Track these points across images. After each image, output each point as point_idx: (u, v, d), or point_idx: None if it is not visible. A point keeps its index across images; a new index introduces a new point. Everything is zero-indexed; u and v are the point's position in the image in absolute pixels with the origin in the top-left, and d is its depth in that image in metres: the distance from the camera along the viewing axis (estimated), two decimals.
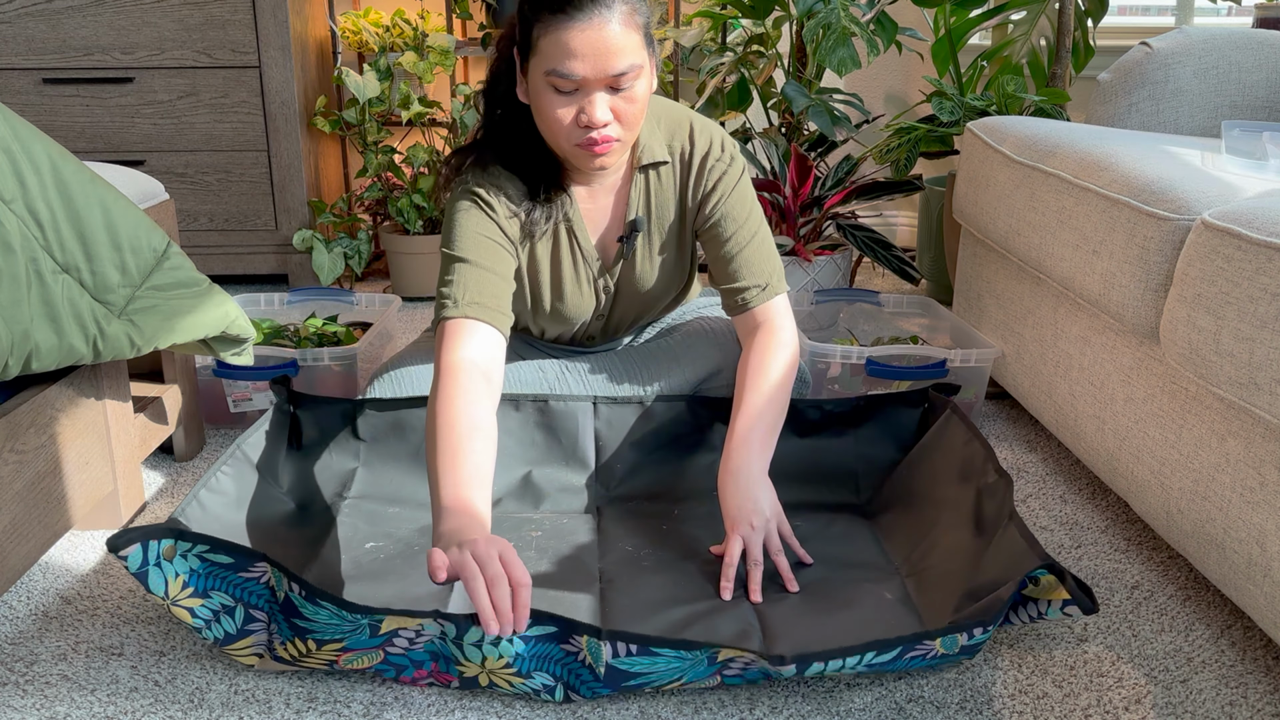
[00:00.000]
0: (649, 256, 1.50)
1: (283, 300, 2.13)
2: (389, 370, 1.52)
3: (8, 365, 1.14)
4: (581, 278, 1.49)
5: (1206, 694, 1.13)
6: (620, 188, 1.47)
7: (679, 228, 1.49)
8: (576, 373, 1.56)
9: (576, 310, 1.52)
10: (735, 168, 1.46)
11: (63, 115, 2.51)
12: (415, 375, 1.51)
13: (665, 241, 1.49)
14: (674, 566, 1.31)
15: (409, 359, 1.54)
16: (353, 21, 2.71)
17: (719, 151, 1.46)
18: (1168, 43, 1.95)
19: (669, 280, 1.53)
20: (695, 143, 1.46)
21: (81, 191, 1.21)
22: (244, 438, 1.40)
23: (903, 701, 1.11)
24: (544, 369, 1.57)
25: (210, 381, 1.79)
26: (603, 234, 1.48)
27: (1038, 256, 1.61)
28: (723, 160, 1.46)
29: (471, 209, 1.38)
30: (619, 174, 1.46)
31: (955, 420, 1.46)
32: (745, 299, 1.44)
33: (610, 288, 1.51)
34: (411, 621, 1.03)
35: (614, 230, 1.48)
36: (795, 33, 2.55)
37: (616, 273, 1.50)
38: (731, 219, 1.45)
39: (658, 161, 1.45)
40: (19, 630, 1.23)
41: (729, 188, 1.45)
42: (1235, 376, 1.11)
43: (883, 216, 3.18)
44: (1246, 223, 1.12)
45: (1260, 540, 1.11)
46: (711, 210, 1.45)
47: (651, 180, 1.46)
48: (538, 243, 1.46)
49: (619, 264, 1.49)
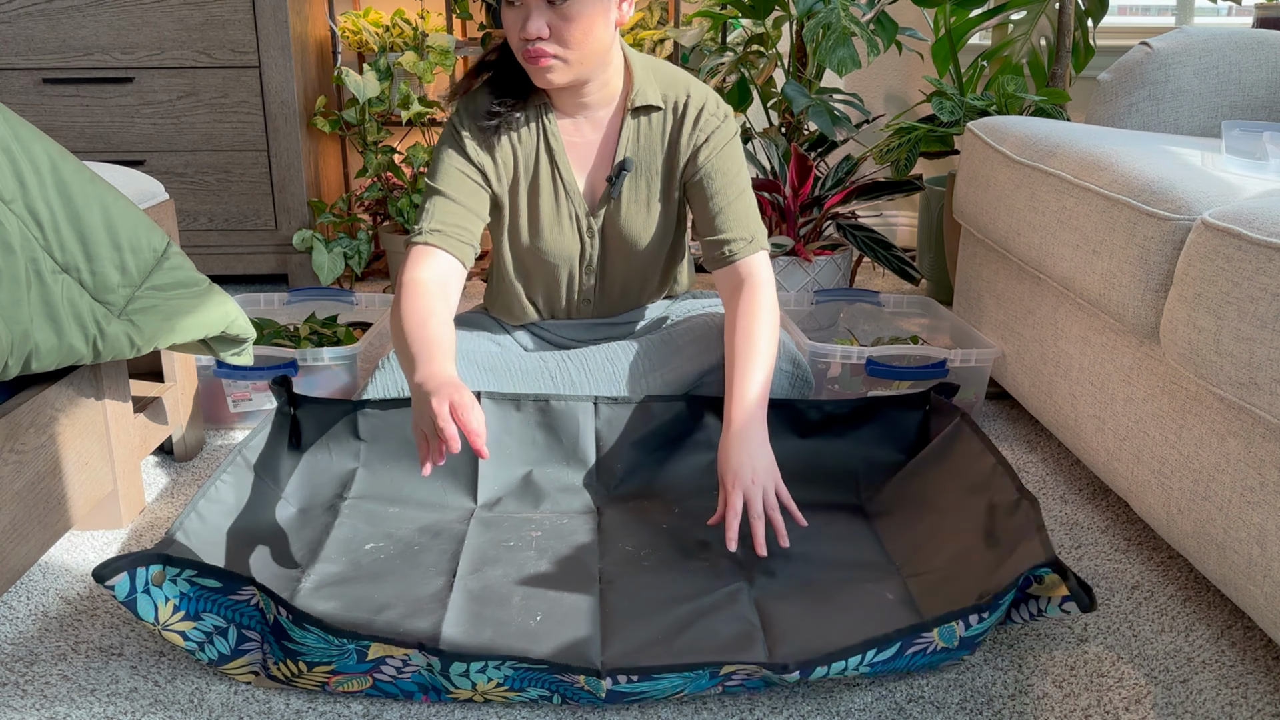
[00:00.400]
0: (635, 201, 1.53)
1: (283, 300, 2.13)
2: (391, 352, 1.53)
3: (8, 365, 1.14)
4: (563, 213, 1.53)
5: (1206, 694, 1.13)
6: (609, 128, 1.52)
7: (668, 179, 1.53)
8: (578, 361, 1.57)
9: (557, 248, 1.54)
10: (728, 126, 1.51)
11: (63, 115, 2.51)
12: None
13: (653, 190, 1.53)
14: (674, 566, 1.31)
15: None
16: (353, 21, 2.71)
17: (714, 108, 1.51)
18: (1168, 43, 1.95)
19: (658, 235, 1.56)
20: (691, 96, 1.51)
21: (81, 191, 1.21)
22: (244, 443, 1.40)
23: (903, 701, 1.11)
24: (545, 359, 1.58)
25: (210, 381, 1.79)
26: (589, 175, 1.53)
27: (1038, 256, 1.61)
28: (716, 116, 1.50)
29: (450, 141, 1.49)
30: (608, 113, 1.51)
31: (966, 431, 1.45)
32: (731, 250, 1.48)
33: (594, 231, 1.54)
34: (398, 650, 1.03)
35: (601, 171, 1.53)
36: (795, 33, 2.55)
37: (601, 216, 1.53)
38: (721, 173, 1.49)
39: (650, 105, 1.50)
40: (19, 630, 1.23)
41: (721, 143, 1.50)
42: (1235, 376, 1.11)
43: (883, 216, 3.18)
44: (1246, 223, 1.12)
45: (1260, 540, 1.11)
46: (703, 162, 1.49)
47: (642, 125, 1.51)
48: (519, 170, 1.51)
49: (605, 207, 1.53)
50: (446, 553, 1.33)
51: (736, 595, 1.23)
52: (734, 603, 1.22)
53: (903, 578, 1.29)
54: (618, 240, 1.55)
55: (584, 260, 1.56)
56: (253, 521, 1.36)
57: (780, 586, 1.27)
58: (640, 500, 1.48)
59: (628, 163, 1.50)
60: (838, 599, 1.24)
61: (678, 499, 1.48)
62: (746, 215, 1.50)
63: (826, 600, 1.24)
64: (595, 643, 1.15)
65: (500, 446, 1.51)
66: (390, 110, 2.71)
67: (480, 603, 1.22)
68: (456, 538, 1.37)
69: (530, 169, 1.50)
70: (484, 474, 1.49)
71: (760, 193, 2.36)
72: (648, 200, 1.53)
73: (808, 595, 1.25)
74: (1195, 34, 1.95)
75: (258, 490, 1.39)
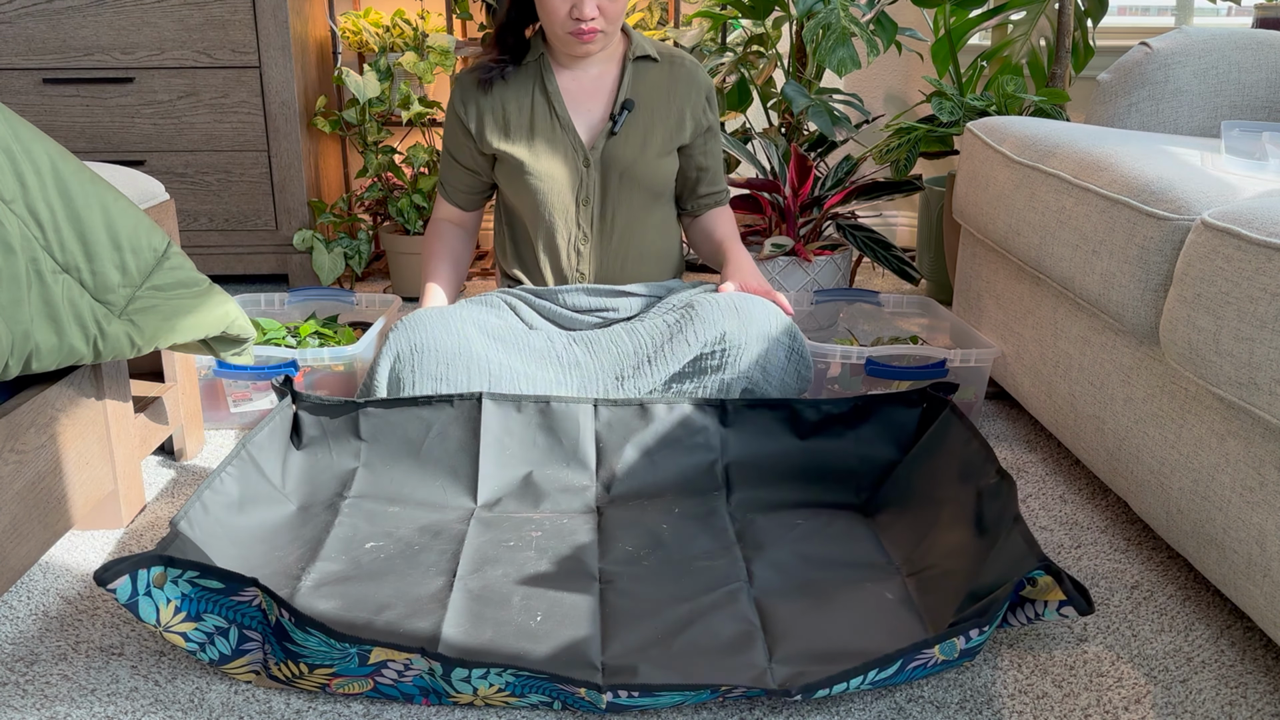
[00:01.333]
0: (636, 141, 1.71)
1: (283, 300, 2.13)
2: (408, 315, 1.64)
3: (8, 365, 1.14)
4: (559, 143, 1.71)
5: (1206, 694, 1.13)
6: (607, 76, 1.74)
7: (674, 130, 1.75)
8: (584, 343, 1.63)
9: (553, 174, 1.71)
10: (712, 90, 1.79)
11: (63, 115, 2.51)
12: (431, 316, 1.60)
13: (655, 136, 1.73)
14: (674, 566, 1.31)
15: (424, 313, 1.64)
16: (353, 21, 2.71)
17: (701, 73, 1.77)
18: (1168, 43, 1.95)
19: (655, 179, 1.74)
20: (681, 57, 1.76)
21: (82, 191, 1.21)
22: (248, 438, 1.40)
23: (903, 701, 1.11)
24: (552, 339, 1.64)
25: (209, 381, 1.79)
26: (587, 115, 1.73)
27: (1037, 256, 1.61)
28: (705, 81, 1.77)
29: (451, 108, 1.76)
30: (607, 65, 1.74)
31: (954, 420, 1.46)
32: (719, 199, 1.86)
33: (591, 161, 1.71)
34: (400, 655, 1.03)
35: (600, 112, 1.73)
36: (795, 33, 2.55)
37: (601, 148, 1.71)
38: (714, 133, 1.80)
39: (647, 56, 1.74)
40: (19, 630, 1.23)
41: (714, 103, 1.79)
42: (1235, 376, 1.11)
43: (883, 216, 3.18)
44: (1246, 223, 1.12)
45: (1260, 540, 1.11)
46: (706, 124, 1.78)
47: (641, 73, 1.73)
48: (514, 116, 1.72)
49: (605, 141, 1.71)
50: (447, 552, 1.33)
51: (736, 595, 1.23)
52: (734, 602, 1.22)
53: (902, 577, 1.29)
54: (615, 174, 1.72)
55: (581, 191, 1.72)
56: (254, 517, 1.36)
57: (780, 586, 1.27)
58: (640, 500, 1.48)
59: (629, 103, 1.70)
60: (837, 599, 1.24)
61: (678, 499, 1.48)
62: (722, 174, 1.85)
63: (826, 600, 1.24)
64: (595, 642, 1.15)
65: (501, 447, 1.51)
66: (390, 110, 2.71)
67: (480, 602, 1.22)
68: (457, 537, 1.37)
69: (527, 112, 1.72)
70: (484, 474, 1.49)
71: (760, 193, 2.36)
72: (646, 142, 1.72)
73: (808, 595, 1.25)
74: (1195, 34, 1.95)
75: (260, 486, 1.39)
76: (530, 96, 1.71)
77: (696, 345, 1.56)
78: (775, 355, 1.58)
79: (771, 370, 1.58)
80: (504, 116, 1.71)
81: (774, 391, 1.59)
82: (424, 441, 1.50)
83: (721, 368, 1.56)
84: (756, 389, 1.58)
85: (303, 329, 1.98)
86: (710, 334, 1.56)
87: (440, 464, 1.50)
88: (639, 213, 1.75)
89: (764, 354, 1.57)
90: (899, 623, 1.19)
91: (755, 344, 1.56)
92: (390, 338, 1.58)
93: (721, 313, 1.57)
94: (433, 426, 1.50)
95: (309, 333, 1.97)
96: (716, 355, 1.56)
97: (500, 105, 1.72)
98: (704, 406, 1.53)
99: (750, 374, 1.57)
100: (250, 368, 1.74)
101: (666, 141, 1.73)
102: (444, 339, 1.55)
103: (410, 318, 1.59)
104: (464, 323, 1.59)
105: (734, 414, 1.54)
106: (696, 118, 1.75)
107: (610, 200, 1.73)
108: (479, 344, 1.56)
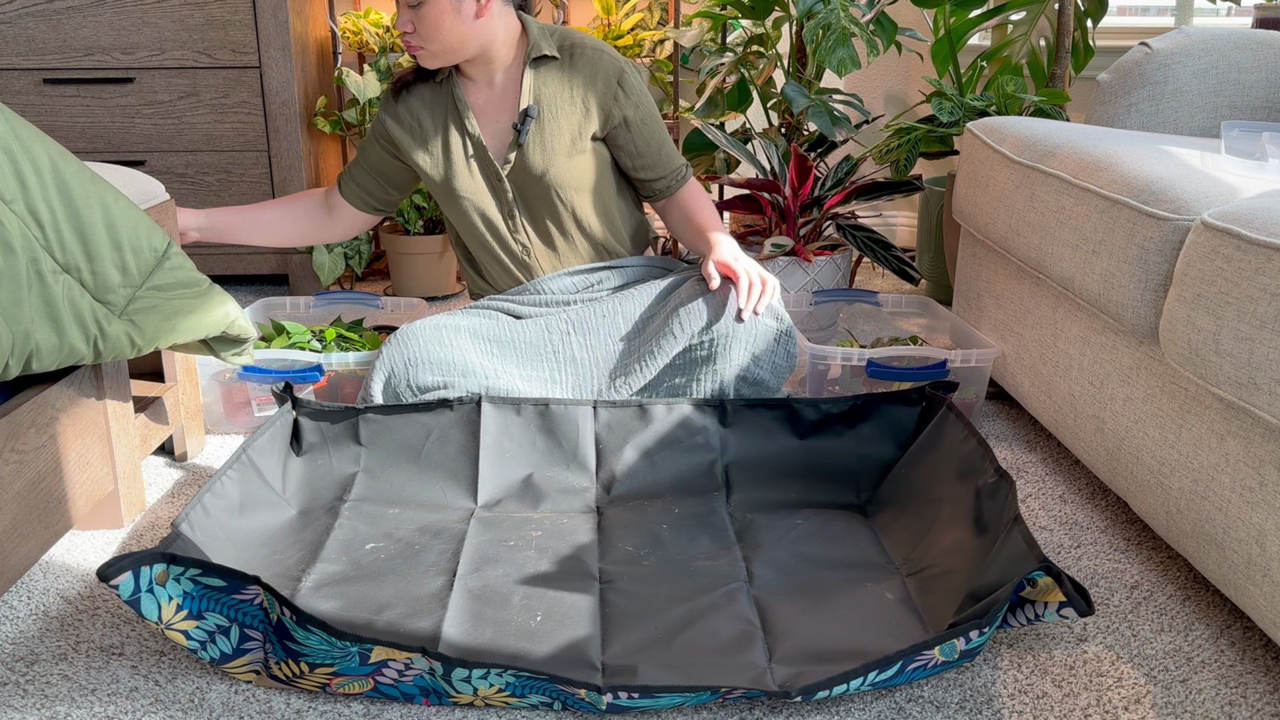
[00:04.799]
0: (549, 144, 1.68)
1: (309, 304, 2.13)
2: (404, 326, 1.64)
3: (8, 365, 1.14)
4: (473, 163, 1.71)
5: (1206, 694, 1.13)
6: (510, 84, 1.70)
7: (573, 123, 1.69)
8: (582, 332, 1.65)
9: (473, 195, 1.72)
10: (630, 78, 1.69)
11: (63, 115, 2.51)
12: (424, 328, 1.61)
13: (559, 135, 1.68)
14: (674, 566, 1.31)
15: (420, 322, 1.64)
16: (353, 22, 2.71)
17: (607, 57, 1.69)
18: (1167, 43, 1.95)
19: (576, 175, 1.70)
20: (583, 47, 1.69)
21: (82, 192, 1.21)
22: (249, 442, 1.40)
23: (902, 701, 1.11)
24: (549, 328, 1.66)
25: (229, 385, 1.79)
26: (497, 126, 1.71)
27: (1037, 256, 1.61)
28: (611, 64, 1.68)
29: (375, 118, 1.77)
30: (506, 75, 1.70)
31: (951, 418, 1.46)
32: (670, 183, 1.75)
33: (502, 176, 1.70)
34: (401, 654, 1.03)
35: (507, 124, 1.70)
36: (795, 33, 2.55)
37: (513, 161, 1.69)
38: (637, 121, 1.70)
39: (545, 55, 1.68)
40: (19, 630, 1.23)
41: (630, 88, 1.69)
42: (1234, 376, 1.11)
43: (882, 216, 3.18)
44: (1246, 223, 1.12)
45: (1260, 540, 1.11)
46: (620, 109, 1.69)
47: (541, 75, 1.69)
48: (430, 133, 1.72)
49: (514, 152, 1.68)
50: (447, 552, 1.33)
51: (736, 595, 1.24)
52: (734, 602, 1.22)
53: (901, 576, 1.29)
54: (532, 182, 1.69)
55: (504, 206, 1.72)
56: (254, 521, 1.36)
57: (780, 586, 1.27)
58: (640, 501, 1.48)
59: (532, 109, 1.67)
60: (837, 599, 1.24)
61: (677, 499, 1.49)
62: (674, 152, 1.76)
63: (826, 600, 1.24)
64: (595, 642, 1.15)
65: (500, 450, 1.51)
66: None
67: (480, 602, 1.22)
68: (457, 537, 1.37)
69: (441, 129, 1.71)
70: (484, 476, 1.49)
71: (760, 193, 2.36)
72: (553, 147, 1.68)
73: (807, 595, 1.25)
74: (1195, 34, 1.95)
75: (260, 490, 1.40)
76: (445, 113, 1.71)
77: (683, 338, 1.57)
78: (764, 338, 1.59)
79: (762, 355, 1.59)
80: (421, 132, 1.72)
81: (767, 374, 1.60)
82: (424, 445, 1.51)
83: (711, 358, 1.57)
84: (749, 375, 1.59)
85: (328, 333, 1.98)
86: (695, 325, 1.58)
87: (440, 467, 1.50)
88: (578, 212, 1.72)
89: (752, 339, 1.58)
90: (899, 622, 1.19)
91: (742, 331, 1.57)
92: (383, 353, 1.59)
93: (704, 303, 1.59)
94: (432, 431, 1.51)
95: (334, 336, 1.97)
96: (705, 345, 1.58)
97: (417, 120, 1.72)
98: (703, 407, 1.53)
99: (741, 360, 1.58)
100: (276, 371, 1.74)
101: (576, 139, 1.68)
102: (436, 351, 1.56)
103: (402, 331, 1.60)
104: (456, 332, 1.61)
105: (733, 414, 1.54)
106: (606, 108, 1.68)
107: (538, 210, 1.72)
108: (472, 353, 1.58)
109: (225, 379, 1.79)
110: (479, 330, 1.65)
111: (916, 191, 2.43)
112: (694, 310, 1.58)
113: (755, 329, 1.58)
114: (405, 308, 2.14)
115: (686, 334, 1.57)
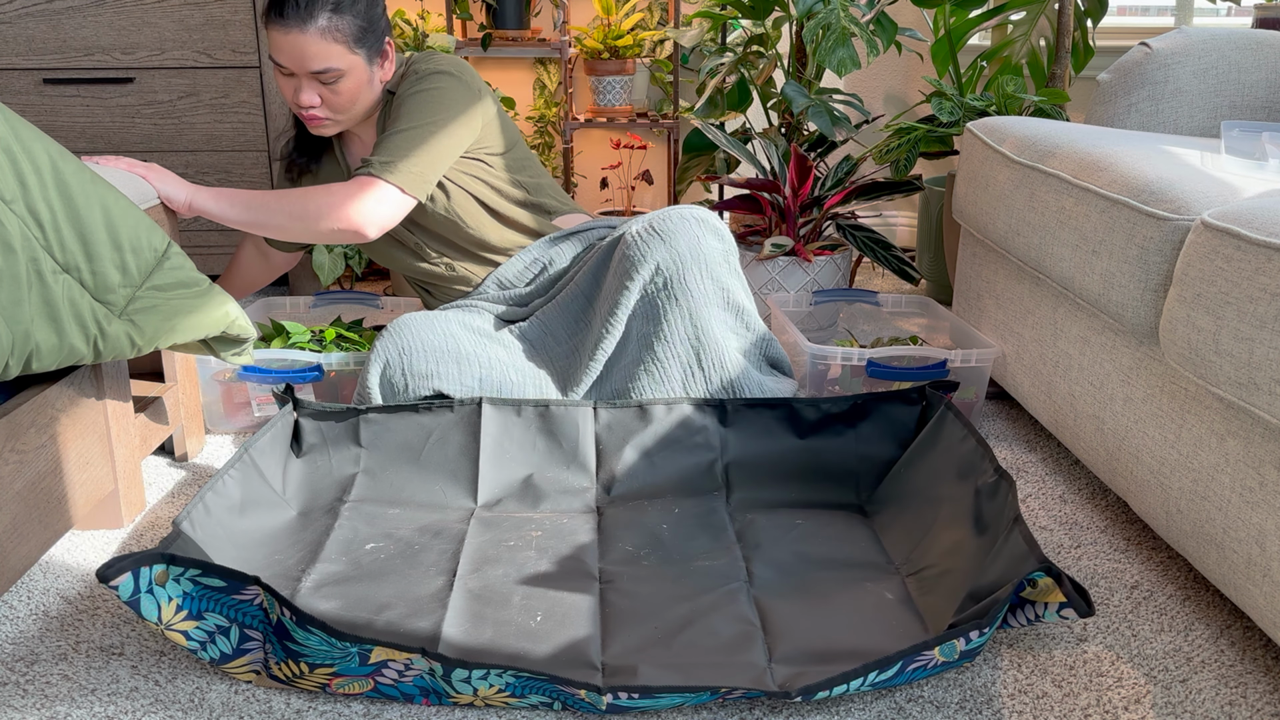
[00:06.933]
0: None
1: (308, 304, 2.13)
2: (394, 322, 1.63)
3: (8, 365, 1.14)
4: None
5: (1206, 694, 1.13)
6: (372, 131, 1.74)
7: None
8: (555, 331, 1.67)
9: (377, 245, 1.80)
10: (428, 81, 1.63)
11: (63, 115, 2.51)
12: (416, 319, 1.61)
13: None
14: (674, 566, 1.31)
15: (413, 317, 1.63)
16: None
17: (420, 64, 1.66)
18: (1167, 43, 1.95)
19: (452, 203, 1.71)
20: (416, 66, 1.67)
21: (82, 191, 1.21)
22: (250, 442, 1.40)
23: (903, 701, 1.11)
24: (525, 334, 1.67)
25: (229, 385, 1.79)
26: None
27: (1037, 256, 1.61)
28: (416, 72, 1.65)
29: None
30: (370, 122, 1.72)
31: (950, 418, 1.46)
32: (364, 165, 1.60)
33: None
34: (401, 655, 1.03)
35: None
36: (795, 33, 2.55)
37: None
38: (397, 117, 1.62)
39: (390, 89, 1.70)
40: (19, 630, 1.23)
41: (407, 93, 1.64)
42: (1234, 376, 1.11)
43: (882, 216, 3.18)
44: (1246, 223, 1.12)
45: (1260, 540, 1.11)
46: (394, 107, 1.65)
47: (389, 111, 1.69)
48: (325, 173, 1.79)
49: None
50: (447, 552, 1.33)
51: (736, 594, 1.24)
52: (733, 602, 1.22)
53: (901, 576, 1.29)
54: (418, 213, 1.73)
55: (408, 244, 1.78)
56: (255, 521, 1.36)
57: (780, 586, 1.27)
58: (640, 501, 1.48)
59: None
60: (837, 599, 1.24)
61: (677, 499, 1.49)
62: (402, 145, 1.60)
63: (826, 600, 1.24)
64: (595, 642, 1.15)
65: (500, 450, 1.51)
66: None
67: (480, 602, 1.22)
68: (457, 537, 1.37)
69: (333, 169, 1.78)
70: (484, 476, 1.49)
71: (760, 193, 2.36)
72: None
73: (807, 595, 1.25)
74: (1195, 34, 1.95)
75: (261, 490, 1.40)
76: (339, 173, 1.77)
77: (635, 289, 1.56)
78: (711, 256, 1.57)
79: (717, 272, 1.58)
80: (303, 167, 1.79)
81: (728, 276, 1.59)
82: (424, 446, 1.51)
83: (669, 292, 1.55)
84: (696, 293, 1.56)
85: (328, 333, 1.98)
86: (645, 271, 1.56)
87: (440, 468, 1.50)
88: (472, 221, 1.74)
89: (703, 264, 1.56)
90: (898, 622, 1.19)
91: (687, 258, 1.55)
92: (377, 345, 1.59)
93: (645, 243, 1.57)
94: (432, 432, 1.51)
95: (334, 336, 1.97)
96: (658, 282, 1.56)
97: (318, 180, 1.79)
98: (703, 406, 1.54)
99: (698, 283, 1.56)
100: (275, 371, 1.74)
101: None
102: (430, 338, 1.57)
103: (395, 323, 1.61)
104: (449, 322, 1.62)
105: (733, 414, 1.54)
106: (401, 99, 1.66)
107: (439, 234, 1.77)
108: (466, 340, 1.59)
109: (225, 379, 1.79)
110: (469, 324, 1.66)
111: (916, 191, 2.43)
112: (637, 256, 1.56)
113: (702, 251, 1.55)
114: (405, 308, 2.14)
115: (639, 284, 1.55)
